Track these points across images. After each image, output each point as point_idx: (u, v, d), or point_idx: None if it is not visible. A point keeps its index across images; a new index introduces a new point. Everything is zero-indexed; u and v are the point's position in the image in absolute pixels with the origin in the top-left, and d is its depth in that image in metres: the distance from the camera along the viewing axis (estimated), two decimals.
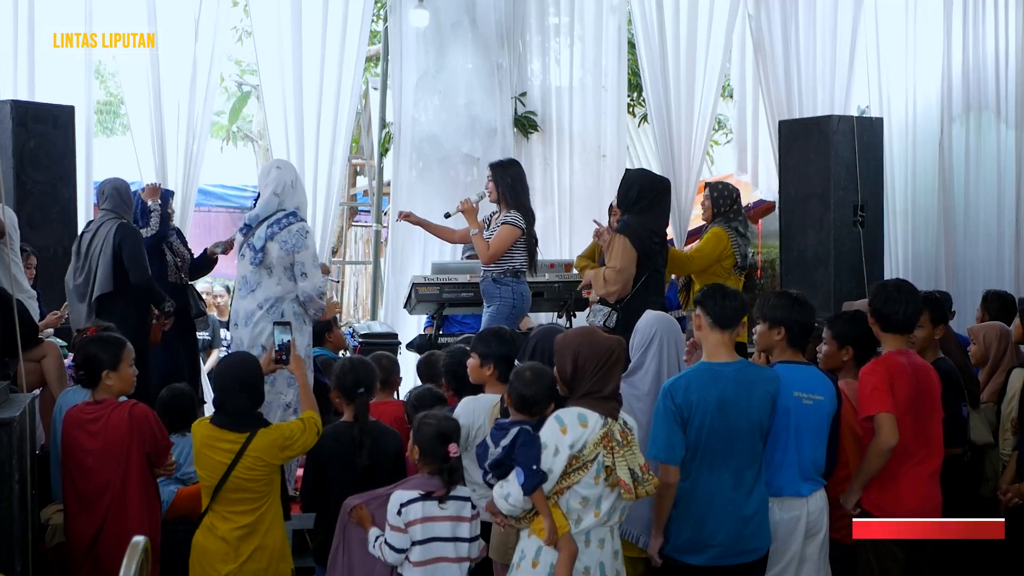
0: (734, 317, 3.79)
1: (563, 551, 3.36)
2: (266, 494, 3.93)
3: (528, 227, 6.10)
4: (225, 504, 3.89)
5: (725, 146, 12.84)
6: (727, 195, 6.36)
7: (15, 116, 6.15)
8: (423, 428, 3.75)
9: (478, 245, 6.07)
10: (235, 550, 3.88)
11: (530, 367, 3.59)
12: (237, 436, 3.85)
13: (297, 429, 3.97)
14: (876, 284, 4.34)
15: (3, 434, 3.74)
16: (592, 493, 3.40)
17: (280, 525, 4.01)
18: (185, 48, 7.16)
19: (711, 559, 3.67)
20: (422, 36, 8.13)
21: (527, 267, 6.14)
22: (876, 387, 3.95)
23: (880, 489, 4.00)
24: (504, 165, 6.25)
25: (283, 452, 3.93)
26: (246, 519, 3.89)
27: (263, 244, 5.08)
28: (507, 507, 3.38)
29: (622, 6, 8.41)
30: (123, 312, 5.63)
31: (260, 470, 3.87)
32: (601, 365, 3.45)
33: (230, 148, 18.37)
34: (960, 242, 8.53)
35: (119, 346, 4.34)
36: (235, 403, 3.91)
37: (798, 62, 8.26)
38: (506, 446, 3.40)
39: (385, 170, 10.03)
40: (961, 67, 8.54)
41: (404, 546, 3.65)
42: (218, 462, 3.85)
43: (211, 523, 3.92)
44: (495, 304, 6.05)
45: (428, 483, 3.69)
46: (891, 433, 3.89)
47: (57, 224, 6.31)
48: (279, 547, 3.97)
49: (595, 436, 3.38)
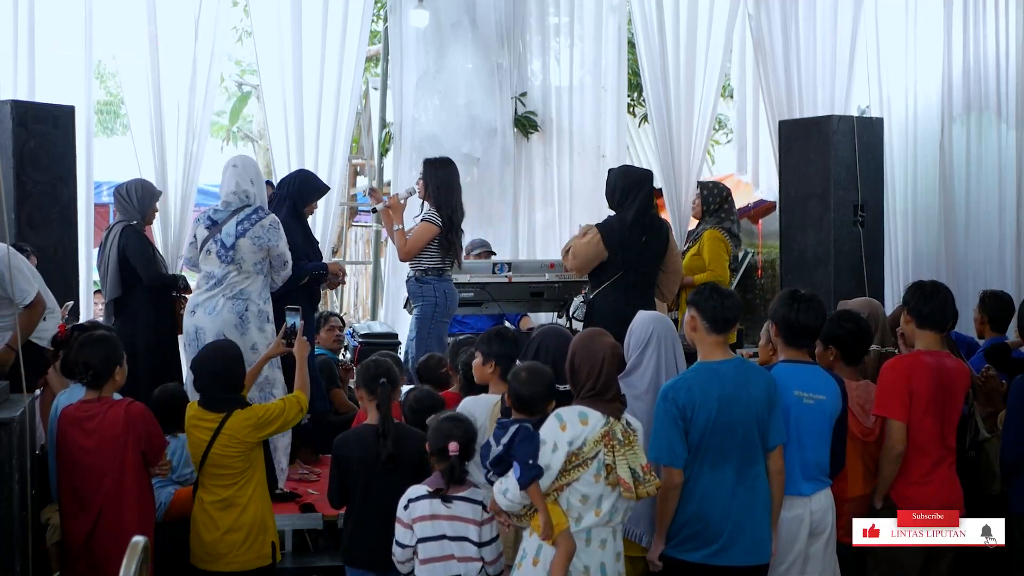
0: (731, 319, 3.78)
1: (560, 547, 3.37)
2: (243, 470, 4.24)
3: (446, 225, 6.04)
4: (208, 478, 4.25)
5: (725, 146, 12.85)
6: (717, 194, 6.36)
7: (15, 116, 6.13)
8: (431, 427, 3.78)
9: (398, 240, 6.12)
10: (216, 521, 4.22)
11: (527, 367, 3.62)
12: (215, 416, 4.21)
13: (275, 409, 4.30)
14: (912, 284, 4.38)
15: (3, 434, 3.75)
16: (592, 491, 3.41)
17: (261, 499, 4.31)
18: (185, 48, 7.15)
19: (712, 556, 3.66)
20: (422, 36, 8.13)
21: (444, 264, 6.13)
22: (892, 389, 3.98)
23: (906, 483, 4.05)
24: (436, 164, 6.25)
25: (259, 431, 4.26)
26: (225, 492, 4.23)
27: (233, 241, 5.10)
28: (505, 503, 3.40)
29: (622, 6, 8.41)
30: (134, 313, 5.83)
31: (235, 447, 4.20)
32: (594, 367, 3.50)
33: (230, 148, 18.37)
34: (961, 242, 8.52)
35: (117, 341, 4.42)
36: (210, 387, 4.28)
37: (798, 62, 8.25)
38: (505, 443, 3.42)
39: (385, 170, 10.04)
40: (962, 67, 8.53)
41: (408, 542, 3.66)
42: (200, 439, 4.23)
43: (200, 496, 4.29)
44: (419, 305, 6.09)
45: (437, 481, 3.72)
46: (899, 440, 4.00)
47: (57, 224, 6.29)
48: (259, 519, 4.27)
49: (595, 434, 3.40)
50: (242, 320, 5.10)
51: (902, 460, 4.06)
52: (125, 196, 5.95)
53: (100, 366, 4.23)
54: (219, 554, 4.23)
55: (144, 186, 6.10)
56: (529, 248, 8.47)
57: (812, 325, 3.98)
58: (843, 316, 4.42)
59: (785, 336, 3.97)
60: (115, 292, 5.81)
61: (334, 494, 4.19)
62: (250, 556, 4.25)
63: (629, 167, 6.20)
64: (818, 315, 3.99)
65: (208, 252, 5.15)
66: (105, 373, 4.24)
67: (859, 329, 4.34)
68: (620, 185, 5.68)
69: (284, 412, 4.30)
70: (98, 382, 4.25)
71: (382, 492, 3.98)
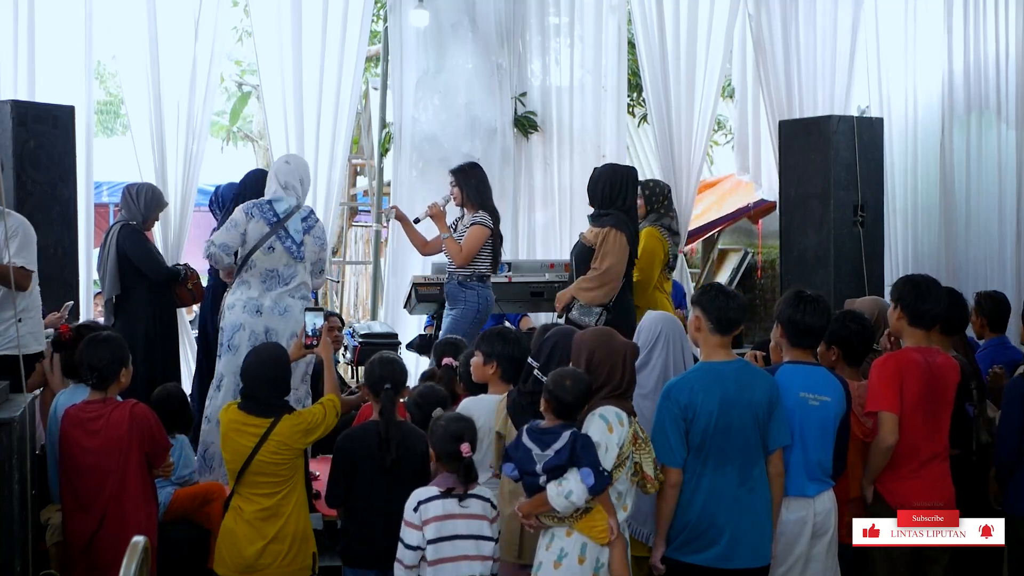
0: (736, 320, 3.77)
1: (620, 545, 3.48)
2: (288, 478, 4.11)
3: (495, 226, 6.12)
4: (249, 486, 4.08)
5: (725, 146, 12.85)
6: (659, 192, 6.25)
7: (15, 116, 6.13)
8: (436, 430, 3.76)
9: (450, 248, 6.07)
10: (258, 531, 4.05)
11: (570, 375, 3.57)
12: (262, 421, 4.06)
13: (319, 414, 4.18)
14: (903, 279, 4.27)
15: (3, 434, 3.74)
16: (624, 488, 3.53)
17: (303, 510, 4.18)
18: (185, 48, 7.15)
19: (716, 559, 3.66)
20: (422, 36, 8.12)
21: (491, 270, 6.16)
22: (883, 383, 3.96)
23: (894, 478, 4.02)
24: (466, 170, 6.27)
25: (307, 437, 4.15)
26: (268, 501, 4.07)
27: (302, 238, 5.14)
28: (565, 504, 3.39)
29: (622, 6, 8.40)
30: (133, 313, 5.88)
31: (283, 454, 4.06)
32: (616, 365, 3.55)
33: (230, 148, 18.36)
34: (961, 242, 8.52)
35: (124, 342, 4.41)
36: (261, 392, 4.12)
37: (798, 62, 8.26)
38: (560, 449, 3.41)
39: (385, 170, 10.03)
40: (962, 67, 8.53)
41: (418, 544, 3.64)
42: (243, 445, 4.04)
43: (237, 505, 4.11)
44: (459, 308, 6.05)
45: (447, 481, 3.71)
46: (890, 432, 3.93)
47: (57, 224, 6.29)
48: (302, 530, 4.14)
49: (629, 434, 3.51)
50: None
51: (892, 455, 4.01)
52: (133, 197, 5.99)
53: (106, 367, 4.23)
54: (262, 566, 4.09)
55: (154, 192, 6.14)
56: (529, 248, 8.46)
57: (817, 326, 3.96)
58: (848, 316, 4.41)
59: (790, 337, 3.96)
60: (114, 290, 5.85)
61: (334, 492, 4.16)
62: (293, 568, 4.14)
63: (615, 165, 6.15)
64: (824, 316, 3.98)
65: (271, 249, 5.12)
66: (110, 374, 4.23)
67: (864, 330, 4.34)
68: (607, 182, 5.58)
69: (325, 416, 4.20)
70: (103, 383, 4.25)
71: (384, 492, 3.97)
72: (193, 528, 4.81)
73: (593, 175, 5.76)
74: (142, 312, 5.89)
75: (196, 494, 4.87)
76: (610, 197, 5.56)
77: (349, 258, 12.44)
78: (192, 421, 5.32)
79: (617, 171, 5.77)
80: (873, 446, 3.98)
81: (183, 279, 6.07)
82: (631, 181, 5.70)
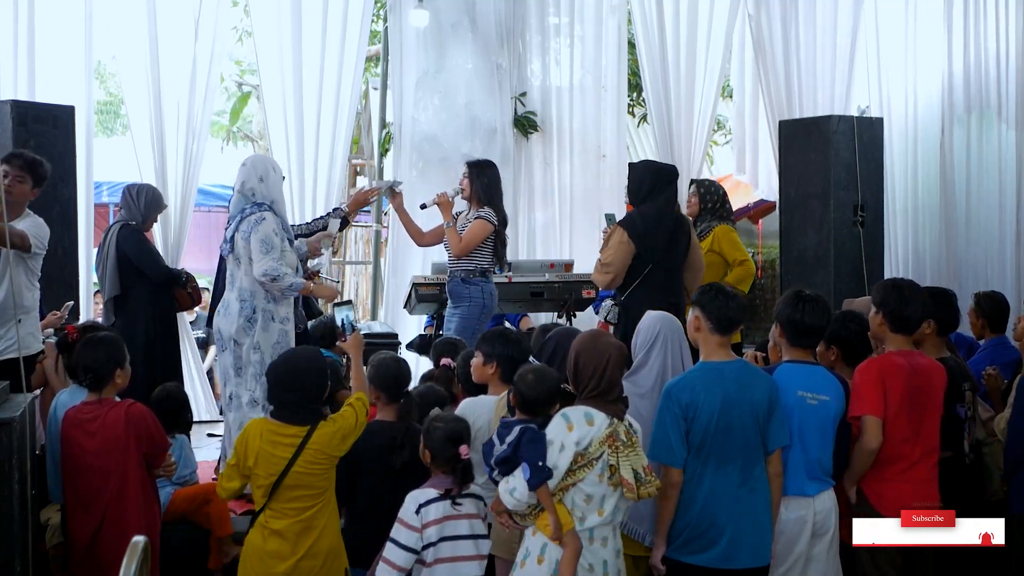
0: (736, 320, 3.77)
1: (568, 547, 3.38)
2: (324, 489, 3.83)
3: (499, 226, 6.09)
4: (283, 501, 3.77)
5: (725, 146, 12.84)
6: (715, 191, 6.33)
7: (15, 116, 6.13)
8: (432, 432, 3.75)
9: (451, 237, 6.06)
10: (292, 546, 3.75)
11: (534, 369, 3.61)
12: (298, 430, 3.75)
13: (351, 416, 3.87)
14: (885, 283, 4.25)
15: (3, 434, 3.74)
16: (596, 491, 3.42)
17: (335, 522, 3.90)
18: (185, 48, 7.16)
19: (718, 559, 3.64)
20: (422, 36, 8.13)
21: (495, 266, 6.15)
22: (866, 387, 3.95)
23: (879, 480, 4.00)
24: (482, 165, 6.25)
25: (344, 443, 3.83)
26: (304, 515, 3.77)
27: (232, 234, 5.11)
28: (512, 501, 3.39)
29: (622, 6, 8.41)
30: (133, 312, 5.87)
31: (322, 463, 3.77)
32: (598, 367, 3.49)
33: (230, 148, 18.35)
34: (961, 242, 8.53)
35: (120, 343, 4.38)
36: (295, 399, 3.80)
37: (798, 62, 8.27)
38: (511, 443, 3.41)
39: (385, 170, 10.03)
40: (962, 67, 8.54)
41: (415, 546, 3.62)
42: (280, 457, 3.73)
43: (266, 521, 3.79)
44: (464, 305, 6.02)
45: (443, 483, 3.70)
46: (874, 436, 3.91)
47: (57, 224, 6.27)
48: (335, 544, 3.86)
49: (600, 435, 3.41)
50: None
51: (877, 457, 3.97)
52: (133, 197, 5.98)
53: (100, 368, 4.21)
54: None
55: (154, 193, 6.13)
56: (529, 248, 8.47)
57: (817, 326, 3.96)
58: (848, 316, 4.40)
59: (790, 336, 3.96)
60: (114, 290, 5.84)
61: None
62: None
63: (654, 162, 6.20)
64: (823, 316, 3.97)
65: (285, 252, 5.11)
66: (105, 375, 4.22)
67: (864, 330, 4.33)
68: (648, 179, 5.58)
69: (358, 418, 3.88)
70: (98, 384, 4.24)
71: (390, 493, 3.96)
72: (193, 528, 4.81)
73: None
74: (142, 312, 5.89)
75: (195, 494, 4.87)
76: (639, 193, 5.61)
77: (349, 258, 12.44)
78: (192, 421, 5.32)
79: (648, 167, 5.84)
80: (857, 449, 3.97)
81: (183, 282, 6.06)
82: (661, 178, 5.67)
